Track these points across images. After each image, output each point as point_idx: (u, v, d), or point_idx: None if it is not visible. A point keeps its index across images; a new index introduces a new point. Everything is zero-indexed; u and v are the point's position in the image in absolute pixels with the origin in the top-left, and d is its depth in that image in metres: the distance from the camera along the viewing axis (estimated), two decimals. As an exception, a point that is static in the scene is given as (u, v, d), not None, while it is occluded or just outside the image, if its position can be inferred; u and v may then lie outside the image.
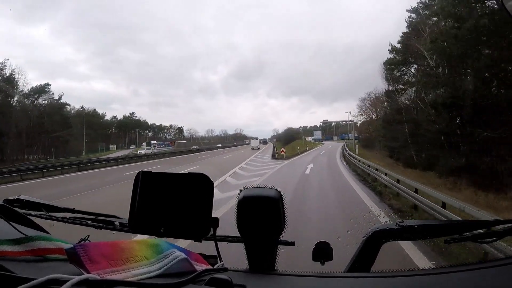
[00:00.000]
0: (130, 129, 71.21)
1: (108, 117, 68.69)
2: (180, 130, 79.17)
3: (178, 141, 70.11)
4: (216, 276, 0.67)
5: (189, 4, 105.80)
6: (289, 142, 52.21)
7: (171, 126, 79.26)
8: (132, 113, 74.43)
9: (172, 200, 0.80)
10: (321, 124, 37.78)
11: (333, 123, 73.67)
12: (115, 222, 1.08)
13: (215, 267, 0.79)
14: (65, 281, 0.55)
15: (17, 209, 1.04)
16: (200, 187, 0.80)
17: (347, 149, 33.38)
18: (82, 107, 57.83)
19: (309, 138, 69.51)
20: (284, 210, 0.85)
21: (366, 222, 6.35)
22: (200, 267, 0.77)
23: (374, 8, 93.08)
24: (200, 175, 0.81)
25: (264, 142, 61.78)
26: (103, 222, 1.09)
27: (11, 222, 0.83)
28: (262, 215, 0.83)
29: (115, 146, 62.02)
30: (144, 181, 0.84)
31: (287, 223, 0.85)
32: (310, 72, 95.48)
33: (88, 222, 1.10)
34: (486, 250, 3.74)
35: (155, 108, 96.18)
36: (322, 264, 0.90)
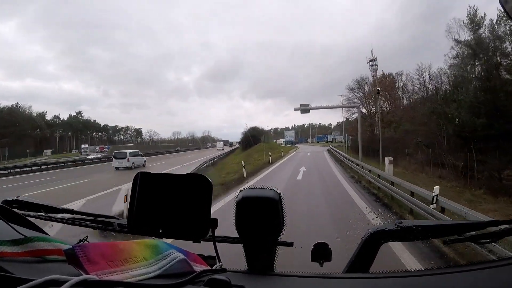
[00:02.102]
0: (77, 130, 61.15)
1: (49, 116, 58.23)
2: (138, 132, 71.11)
3: (115, 145, 54.80)
4: (215, 277, 0.67)
5: (163, 1, 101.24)
6: (251, 146, 37.80)
7: (127, 127, 70.67)
8: (79, 112, 64.82)
9: (171, 201, 0.80)
10: (298, 110, 25.61)
11: (306, 125, 66.42)
12: (113, 223, 1.08)
13: (213, 268, 0.79)
14: (63, 282, 0.55)
15: (15, 210, 1.04)
16: (199, 188, 0.80)
17: (349, 159, 18.96)
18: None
19: (280, 141, 59.42)
20: (283, 210, 0.85)
21: (365, 223, 6.36)
22: (199, 267, 0.77)
23: (352, 11, 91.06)
24: (198, 176, 0.81)
25: (230, 144, 58.12)
26: (102, 223, 1.09)
27: (10, 223, 0.83)
28: (261, 216, 0.83)
29: (50, 151, 50.56)
30: (143, 182, 0.84)
31: (285, 223, 0.85)
32: (286, 74, 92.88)
33: (87, 223, 1.10)
34: (484, 251, 3.75)
35: (126, 110, 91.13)
36: (321, 264, 0.90)
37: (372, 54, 36.36)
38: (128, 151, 24.68)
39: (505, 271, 0.73)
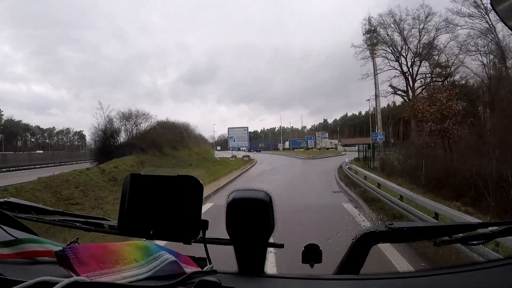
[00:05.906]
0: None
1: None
2: (80, 135, 58.68)
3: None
4: (205, 278, 0.67)
5: (135, 1, 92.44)
6: (111, 157, 17.55)
7: (68, 130, 59.70)
8: (-3, 112, 51.28)
9: (162, 202, 0.81)
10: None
11: (277, 128, 52.20)
12: (104, 225, 1.08)
13: (204, 269, 0.80)
14: (54, 284, 0.55)
15: (6, 211, 1.03)
16: (189, 189, 0.81)
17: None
18: None
19: (243, 148, 38.55)
20: (273, 212, 0.85)
21: (356, 224, 6.38)
22: (189, 269, 0.77)
23: (334, 15, 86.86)
24: (189, 177, 0.82)
25: None
26: (93, 224, 1.09)
27: (0, 225, 0.83)
28: (252, 217, 0.83)
29: None
30: (134, 183, 0.84)
31: (276, 225, 0.86)
32: (263, 77, 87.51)
33: (78, 224, 1.09)
34: (475, 252, 3.80)
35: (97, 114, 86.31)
36: (312, 266, 0.90)
37: (370, 23, 23.88)
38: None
39: (493, 272, 0.74)
